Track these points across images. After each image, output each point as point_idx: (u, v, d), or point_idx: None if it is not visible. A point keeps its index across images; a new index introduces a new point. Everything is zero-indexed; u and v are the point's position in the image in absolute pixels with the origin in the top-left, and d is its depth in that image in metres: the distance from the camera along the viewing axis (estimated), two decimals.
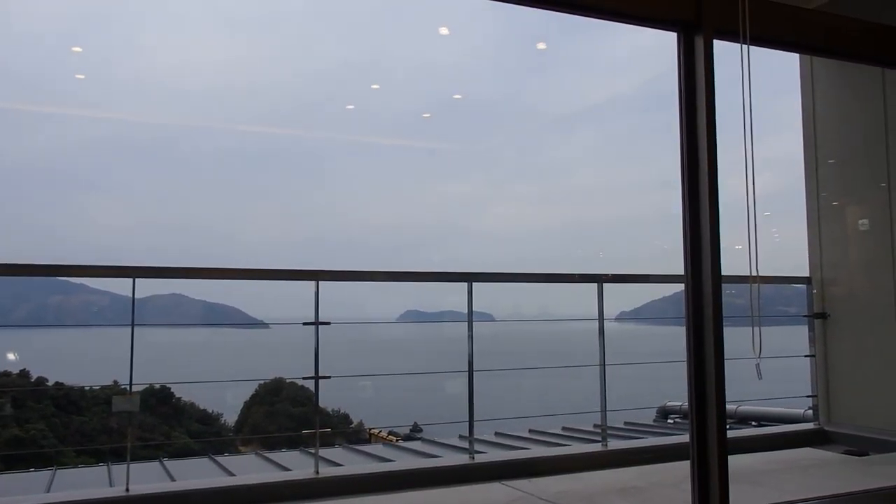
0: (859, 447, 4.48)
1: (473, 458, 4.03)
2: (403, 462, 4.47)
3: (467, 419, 4.09)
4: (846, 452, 4.41)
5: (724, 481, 2.71)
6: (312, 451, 3.83)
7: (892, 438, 4.42)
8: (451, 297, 4.38)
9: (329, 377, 3.89)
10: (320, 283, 3.82)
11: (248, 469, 4.71)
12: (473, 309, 4.15)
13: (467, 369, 4.09)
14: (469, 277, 4.13)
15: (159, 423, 15.34)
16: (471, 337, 4.11)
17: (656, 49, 2.96)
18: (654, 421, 6.69)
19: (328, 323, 3.86)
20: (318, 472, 3.67)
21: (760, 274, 5.09)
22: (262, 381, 17.63)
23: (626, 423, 6.16)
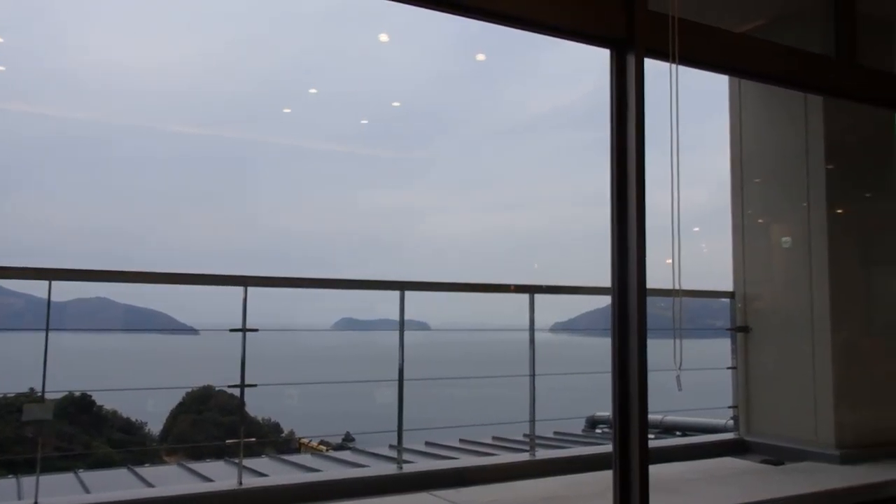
0: (776, 456, 4.63)
1: (402, 467, 4.01)
2: (330, 472, 4.41)
3: (392, 429, 4.07)
4: (763, 462, 4.55)
5: (644, 490, 2.76)
6: (237, 461, 3.74)
7: (806, 448, 4.58)
8: (387, 305, 4.36)
9: (255, 385, 3.82)
10: (252, 289, 3.76)
11: (170, 480, 4.58)
12: (409, 318, 4.14)
13: (397, 378, 4.07)
14: (401, 286, 4.11)
15: (79, 432, 14.77)
16: (401, 346, 4.09)
17: (595, 64, 3.02)
18: (583, 431, 6.80)
19: (256, 330, 3.79)
20: (241, 483, 3.58)
21: (686, 288, 5.23)
22: (189, 389, 17.18)
23: (555, 433, 6.24)
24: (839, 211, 4.77)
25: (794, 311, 4.84)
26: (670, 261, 3.32)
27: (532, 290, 4.43)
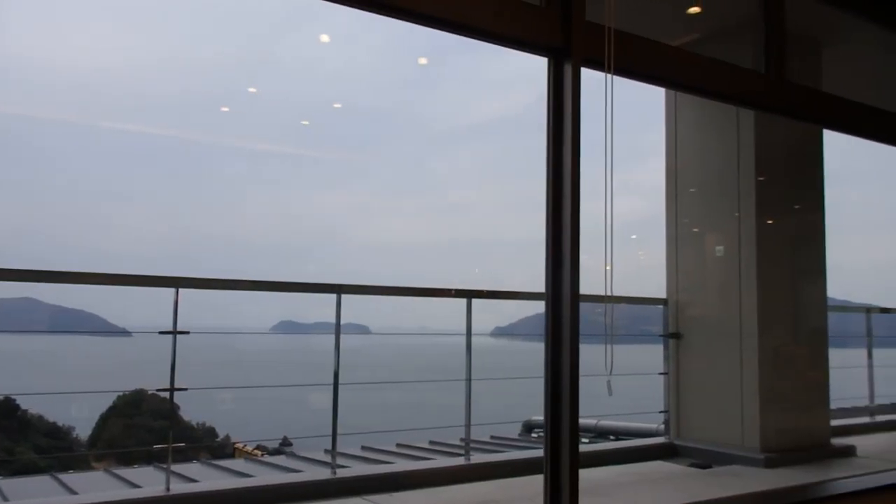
0: (704, 460, 4.74)
1: (335, 472, 3.97)
2: (262, 478, 4.34)
3: (330, 433, 4.04)
4: (692, 465, 4.66)
5: (574, 494, 2.79)
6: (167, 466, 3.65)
7: (733, 452, 4.71)
8: (326, 308, 4.33)
9: (186, 389, 3.74)
10: (188, 292, 3.70)
11: (94, 487, 4.44)
12: (350, 321, 4.12)
13: (332, 382, 4.04)
14: (337, 289, 4.09)
15: (0, 437, 14.19)
16: (337, 349, 4.06)
17: (537, 72, 3.04)
18: (519, 435, 6.85)
19: (187, 332, 3.71)
20: (168, 489, 3.49)
21: (622, 294, 5.32)
22: (121, 393, 16.69)
23: (492, 437, 6.28)
24: (769, 222, 4.92)
25: (724, 318, 4.97)
26: (609, 267, 3.37)
27: (469, 294, 4.45)
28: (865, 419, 6.36)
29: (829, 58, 5.03)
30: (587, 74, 2.99)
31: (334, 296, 4.11)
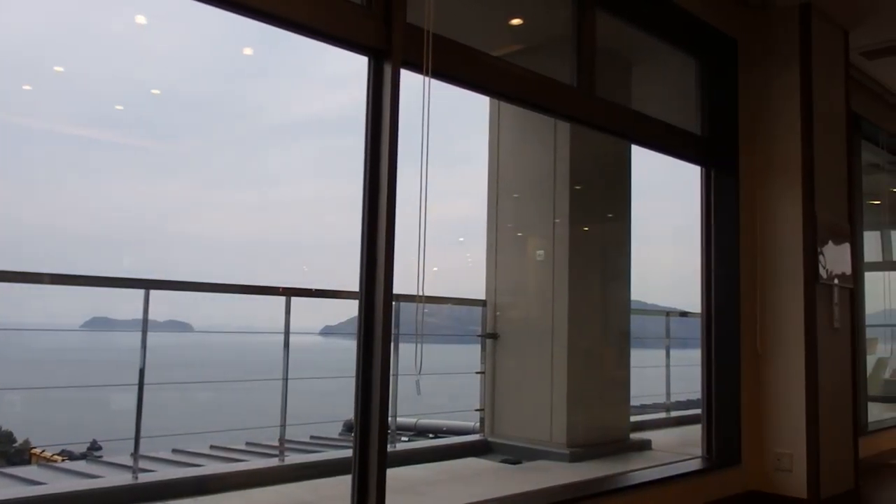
0: (515, 456, 4.94)
1: (137, 477, 3.76)
2: (53, 485, 4.02)
3: (133, 436, 3.83)
4: (503, 461, 4.83)
5: (381, 492, 2.81)
6: None
7: (541, 448, 4.94)
8: (147, 305, 4.08)
9: None
10: None
11: None
12: (170, 318, 3.94)
13: (137, 382, 3.83)
14: (146, 284, 3.87)
15: None
16: (144, 346, 3.86)
17: (364, 70, 3.02)
18: (340, 434, 6.81)
19: None
20: None
21: (447, 295, 5.40)
22: None
23: (311, 437, 6.19)
24: (585, 228, 5.21)
25: (538, 319, 5.20)
26: (436, 268, 3.42)
27: (289, 293, 4.39)
28: (662, 415, 6.91)
29: (638, 76, 5.40)
30: (415, 78, 3.03)
31: (158, 292, 3.93)
